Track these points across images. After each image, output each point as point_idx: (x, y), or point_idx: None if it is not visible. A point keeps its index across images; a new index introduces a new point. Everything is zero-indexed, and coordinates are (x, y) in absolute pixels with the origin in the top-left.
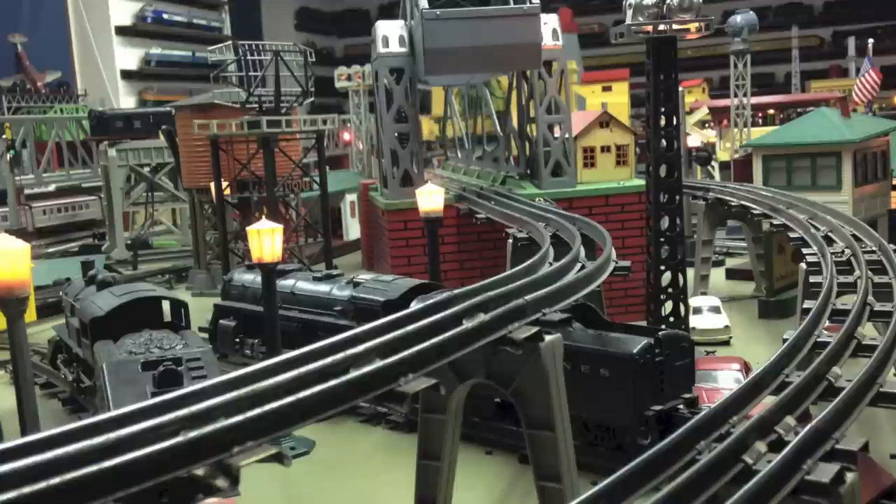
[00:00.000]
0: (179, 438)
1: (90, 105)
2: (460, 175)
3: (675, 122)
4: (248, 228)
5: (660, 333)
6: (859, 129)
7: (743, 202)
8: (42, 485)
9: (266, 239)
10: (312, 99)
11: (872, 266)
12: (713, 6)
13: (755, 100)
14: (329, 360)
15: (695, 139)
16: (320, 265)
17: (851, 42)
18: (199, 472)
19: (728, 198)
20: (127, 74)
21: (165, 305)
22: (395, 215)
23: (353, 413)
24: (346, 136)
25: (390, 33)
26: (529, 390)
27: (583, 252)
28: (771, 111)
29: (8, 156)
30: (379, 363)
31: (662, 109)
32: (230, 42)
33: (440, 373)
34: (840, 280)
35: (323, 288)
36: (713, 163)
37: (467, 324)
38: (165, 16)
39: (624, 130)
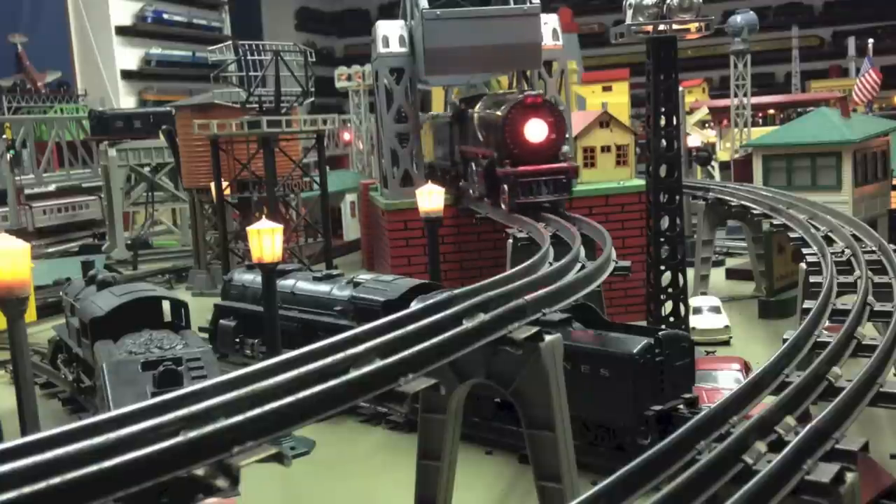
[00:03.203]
0: (179, 438)
1: (90, 105)
2: None
3: (675, 122)
4: (248, 228)
5: (660, 333)
6: (859, 129)
7: (743, 202)
8: (42, 485)
9: (266, 239)
10: (312, 99)
11: (872, 266)
12: (713, 6)
13: (755, 100)
14: (329, 360)
15: (695, 139)
16: (320, 265)
17: (851, 42)
18: (199, 472)
19: (728, 198)
20: (127, 74)
21: (165, 305)
22: (395, 215)
23: (353, 413)
24: (346, 136)
25: (390, 33)
26: (529, 390)
27: (583, 252)
28: (771, 111)
29: (8, 156)
30: (379, 363)
31: (662, 109)
32: (230, 42)
33: (440, 373)
34: (840, 280)
35: (323, 288)
36: (713, 163)
37: (467, 324)
38: (165, 16)
39: (624, 130)
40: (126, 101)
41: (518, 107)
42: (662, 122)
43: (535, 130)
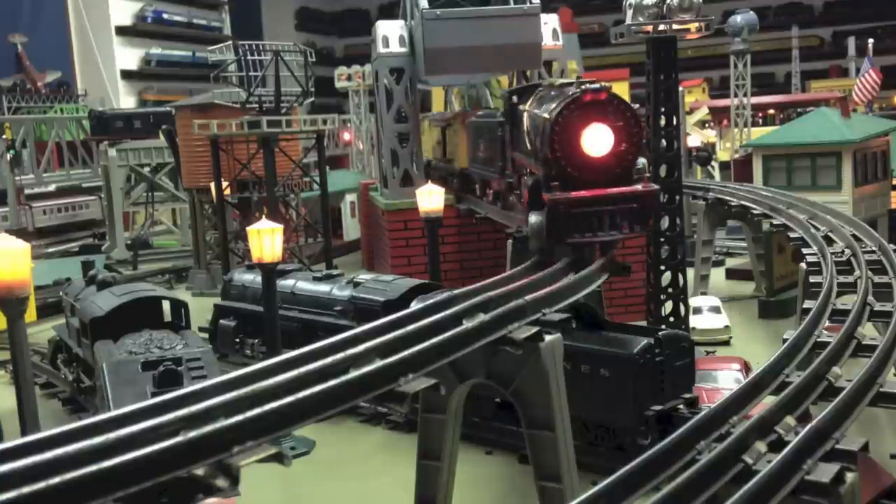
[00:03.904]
0: (179, 438)
1: (90, 105)
2: None
3: (675, 122)
4: (248, 228)
5: (660, 333)
6: (859, 129)
7: (743, 202)
8: (42, 485)
9: (266, 239)
10: (312, 99)
11: (872, 266)
12: (713, 6)
13: (755, 100)
14: (329, 360)
15: (695, 139)
16: (320, 265)
17: (851, 42)
18: (199, 472)
19: (728, 198)
20: (127, 74)
21: (165, 305)
22: (395, 215)
23: (353, 413)
24: (346, 136)
25: (390, 33)
26: (529, 390)
27: None
28: (771, 111)
29: (8, 156)
30: (379, 363)
31: (662, 109)
32: (230, 42)
33: (440, 373)
34: (840, 280)
35: (323, 288)
36: (713, 163)
37: (467, 324)
38: (165, 16)
39: None
40: (126, 101)
41: (572, 106)
42: (662, 122)
43: (597, 139)
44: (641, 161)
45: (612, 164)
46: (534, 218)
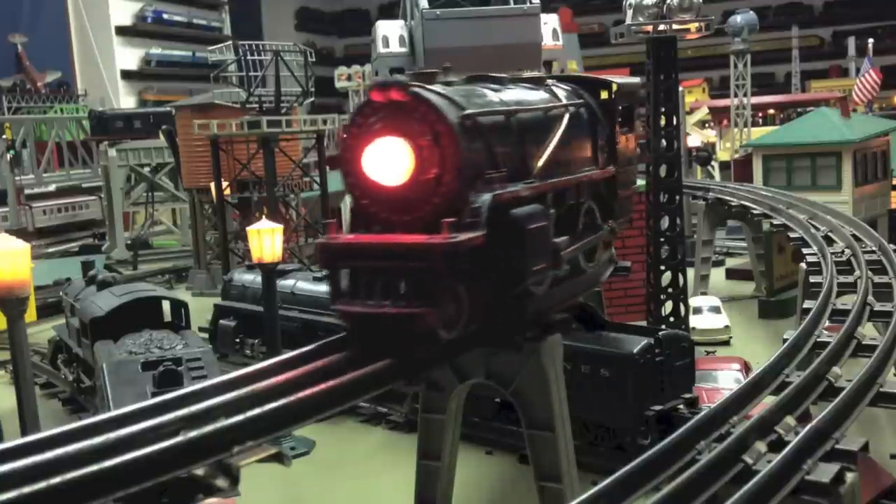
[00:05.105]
0: (179, 438)
1: (90, 105)
2: None
3: (675, 122)
4: (248, 228)
5: (660, 333)
6: (859, 129)
7: (743, 202)
8: (42, 485)
9: (266, 239)
10: (312, 99)
11: (872, 266)
12: (713, 6)
13: (755, 100)
14: (328, 359)
15: (695, 139)
16: None
17: (851, 42)
18: (199, 472)
19: (728, 198)
20: (127, 74)
21: (165, 305)
22: None
23: (353, 413)
24: None
25: (390, 33)
26: (529, 390)
27: None
28: (771, 111)
29: (8, 156)
30: (378, 363)
31: (662, 109)
32: (230, 42)
33: (440, 373)
34: (840, 280)
35: (323, 288)
36: (713, 163)
37: None
38: (165, 16)
39: None
40: (126, 101)
41: (366, 111)
42: (662, 122)
43: (384, 161)
44: (482, 198)
45: (413, 201)
46: None
